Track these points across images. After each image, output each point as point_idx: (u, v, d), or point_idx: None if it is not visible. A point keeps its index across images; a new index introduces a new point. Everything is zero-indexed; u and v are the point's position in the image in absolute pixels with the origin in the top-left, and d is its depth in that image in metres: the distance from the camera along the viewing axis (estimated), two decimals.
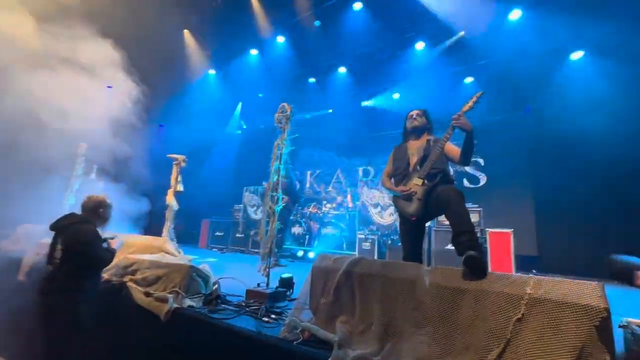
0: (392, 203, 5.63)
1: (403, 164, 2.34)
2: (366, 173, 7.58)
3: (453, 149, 2.26)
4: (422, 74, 5.57)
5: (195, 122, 7.30)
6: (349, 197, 6.68)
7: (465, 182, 6.38)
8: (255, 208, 6.59)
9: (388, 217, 5.91)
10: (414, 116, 2.43)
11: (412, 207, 2.19)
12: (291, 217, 6.57)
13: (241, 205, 6.66)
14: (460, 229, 1.87)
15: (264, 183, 5.64)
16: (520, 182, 5.75)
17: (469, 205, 4.83)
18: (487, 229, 4.47)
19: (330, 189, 7.85)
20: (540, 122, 5.34)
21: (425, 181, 2.19)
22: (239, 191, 6.99)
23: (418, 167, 2.25)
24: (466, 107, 2.09)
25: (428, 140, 2.35)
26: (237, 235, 6.42)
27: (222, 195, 7.57)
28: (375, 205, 6.11)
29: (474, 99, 2.09)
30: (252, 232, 6.18)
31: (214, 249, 6.43)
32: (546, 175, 5.16)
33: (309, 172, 8.46)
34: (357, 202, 6.30)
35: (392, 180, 2.43)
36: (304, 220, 6.44)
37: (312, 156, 8.51)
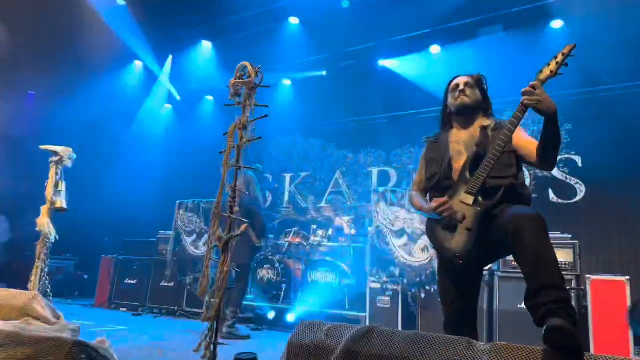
0: (425, 231, 5.89)
1: (442, 169, 2.33)
2: (384, 178, 8.05)
3: (527, 140, 2.22)
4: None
5: (93, 93, 7.47)
6: (353, 218, 7.08)
7: (552, 195, 6.58)
8: (194, 237, 6.57)
9: (420, 254, 6.00)
10: (461, 86, 2.41)
11: (458, 242, 2.16)
12: (257, 255, 6.84)
13: (170, 233, 6.61)
14: (540, 283, 1.75)
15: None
16: None
17: (556, 235, 4.97)
18: (588, 276, 4.62)
19: (324, 204, 8.20)
20: None
21: (479, 198, 2.14)
22: (168, 209, 7.00)
23: (467, 175, 2.21)
24: (547, 72, 2.01)
25: (483, 128, 2.32)
26: (163, 284, 6.45)
27: (138, 215, 7.58)
28: (400, 234, 6.17)
29: (560, 57, 2.00)
30: (188, 279, 6.25)
31: (121, 309, 6.50)
32: None
33: (287, 177, 8.78)
34: (370, 228, 6.40)
35: (427, 196, 2.45)
36: (278, 258, 6.46)
37: (294, 148, 8.87)
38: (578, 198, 6.55)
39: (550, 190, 6.60)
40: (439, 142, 2.45)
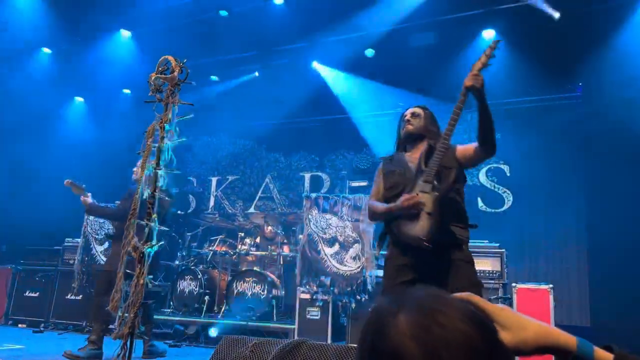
0: (369, 234, 6.02)
1: (403, 177, 2.59)
2: (317, 183, 8.16)
3: (464, 146, 2.57)
4: None
5: None
6: (284, 225, 7.07)
7: (480, 204, 6.95)
8: (106, 246, 6.25)
9: (352, 262, 6.13)
10: (407, 117, 2.73)
11: (422, 227, 2.38)
12: (178, 262, 6.71)
13: (78, 241, 6.36)
14: None
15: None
16: (569, 206, 6.33)
17: (484, 244, 5.23)
18: (514, 285, 4.80)
19: (252, 210, 8.17)
20: (599, 109, 5.90)
21: (436, 183, 2.41)
22: (76, 213, 6.48)
23: (422, 166, 2.50)
24: (479, 64, 2.36)
25: (430, 145, 2.59)
26: (70, 297, 6.15)
27: (41, 220, 7.07)
28: (331, 242, 6.27)
29: (489, 50, 2.36)
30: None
31: (20, 325, 6.21)
32: (610, 195, 5.56)
33: (213, 180, 8.71)
34: (301, 236, 6.46)
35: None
36: (201, 268, 6.41)
37: (221, 150, 8.84)
38: (505, 207, 6.93)
39: (479, 199, 6.95)
40: (395, 159, 2.73)
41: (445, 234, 2.43)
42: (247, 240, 6.69)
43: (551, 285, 4.82)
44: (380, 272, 5.91)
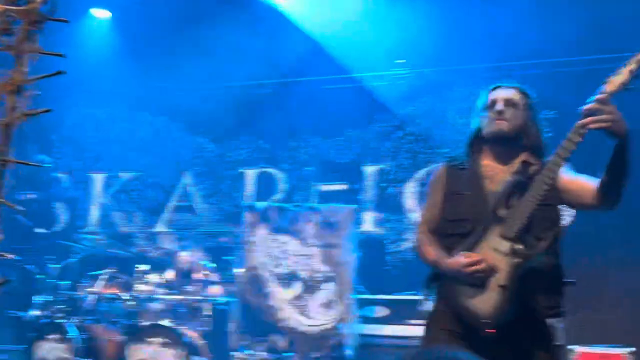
0: (349, 268, 6.16)
1: (471, 208, 2.69)
2: (267, 185, 8.18)
3: (570, 180, 2.64)
4: None
5: None
6: (212, 252, 7.01)
7: None
8: None
9: (321, 313, 6.14)
10: (499, 104, 2.75)
11: (486, 303, 2.49)
12: (37, 313, 6.44)
13: None
14: None
15: None
16: None
17: None
18: (573, 348, 4.98)
19: (161, 228, 8.17)
20: None
21: (516, 246, 2.48)
22: None
23: (501, 212, 2.56)
24: (617, 83, 2.33)
25: (525, 164, 2.64)
26: None
27: None
28: (289, 280, 6.31)
29: (635, 64, 2.32)
30: None
31: None
32: None
33: (98, 178, 8.68)
34: (240, 270, 6.47)
35: (442, 241, 2.75)
36: (77, 322, 6.30)
37: (112, 130, 8.77)
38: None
39: None
40: (468, 173, 2.78)
41: (524, 312, 2.51)
42: (152, 277, 6.55)
43: (632, 350, 4.87)
44: (368, 327, 5.88)
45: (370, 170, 7.73)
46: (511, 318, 2.44)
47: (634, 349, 4.91)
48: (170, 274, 6.79)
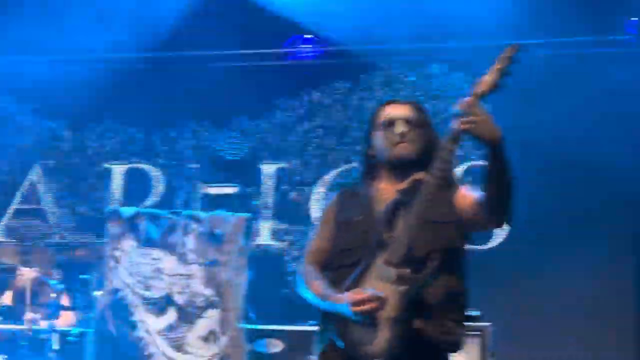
0: (237, 291, 6.15)
1: (360, 235, 2.79)
2: (137, 185, 8.13)
3: (468, 197, 2.77)
4: None
5: None
6: (63, 270, 6.98)
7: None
8: None
9: (201, 346, 6.15)
10: (400, 126, 2.88)
11: (379, 342, 2.57)
12: None
13: None
14: None
15: None
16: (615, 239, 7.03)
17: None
18: None
19: None
20: None
21: (402, 272, 2.56)
22: None
23: (385, 236, 2.66)
24: (485, 84, 2.48)
25: (416, 182, 2.79)
26: None
27: None
28: (161, 306, 6.27)
29: (503, 60, 2.49)
30: None
31: None
32: None
33: None
34: (99, 293, 6.42)
35: (330, 275, 2.86)
36: None
37: None
38: (495, 242, 7.44)
39: None
40: (359, 197, 2.92)
41: (418, 346, 2.58)
42: None
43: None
44: None
45: (268, 169, 7.73)
46: (404, 354, 2.50)
47: None
48: (7, 297, 6.63)
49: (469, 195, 2.75)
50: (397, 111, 2.91)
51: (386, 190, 2.86)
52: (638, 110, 7.14)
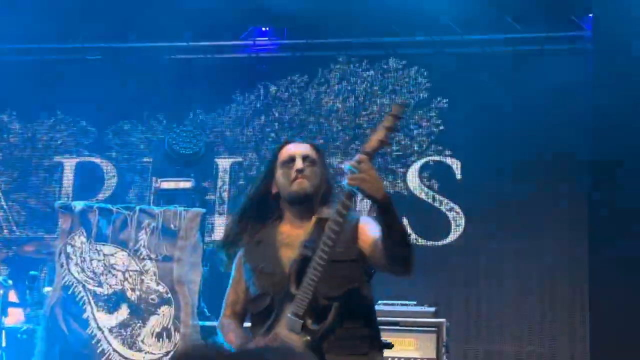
0: (191, 287, 6.15)
1: (270, 281, 3.00)
2: (89, 179, 8.10)
3: (370, 237, 2.94)
4: None
5: None
6: (8, 267, 7.07)
7: (408, 231, 7.16)
8: None
9: (152, 345, 6.14)
10: (299, 163, 3.06)
11: None
12: None
13: None
14: None
15: None
16: (564, 231, 7.20)
17: (410, 308, 5.65)
18: None
19: None
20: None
21: (308, 322, 2.78)
22: None
23: (292, 289, 2.84)
24: (374, 142, 2.70)
25: (319, 221, 2.98)
26: None
27: None
28: (114, 302, 6.23)
29: (390, 120, 2.70)
30: None
31: None
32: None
33: None
34: (48, 289, 6.37)
35: (252, 320, 3.12)
36: None
37: None
38: (453, 236, 7.43)
39: (405, 221, 7.08)
40: (263, 243, 3.07)
41: None
42: None
43: None
44: None
45: (224, 163, 7.72)
46: None
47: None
48: None
49: (369, 234, 2.90)
50: (295, 148, 3.11)
51: (290, 234, 3.04)
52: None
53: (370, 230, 2.94)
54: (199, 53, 7.85)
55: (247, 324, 3.22)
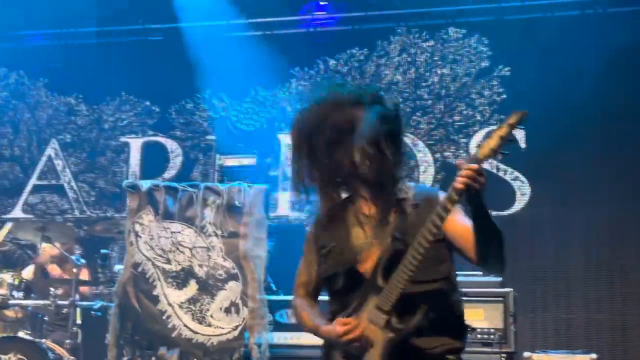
0: (259, 263, 6.11)
1: (339, 260, 2.88)
2: (155, 159, 8.18)
3: (464, 227, 2.77)
4: None
5: None
6: (84, 246, 6.97)
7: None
8: None
9: (222, 319, 6.11)
10: (364, 147, 2.82)
11: None
12: None
13: None
14: None
15: None
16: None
17: (475, 278, 5.53)
18: (528, 355, 5.31)
19: (18, 211, 8.13)
20: None
21: (393, 319, 2.66)
22: None
23: (379, 281, 2.73)
24: (487, 150, 2.56)
25: (399, 204, 2.86)
26: None
27: None
28: (181, 279, 6.23)
29: (505, 129, 2.55)
30: None
31: None
32: None
33: None
34: (119, 267, 6.44)
35: (316, 304, 3.06)
36: None
37: None
38: (516, 207, 7.45)
39: None
40: (334, 220, 2.94)
41: None
42: (5, 277, 6.47)
43: (594, 356, 5.03)
44: (280, 336, 5.88)
45: (286, 139, 7.63)
46: None
47: (595, 355, 5.08)
48: (29, 273, 6.65)
49: (460, 223, 2.78)
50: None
51: (363, 207, 2.90)
52: None
53: (459, 216, 2.82)
54: (257, 30, 7.83)
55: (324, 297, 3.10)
